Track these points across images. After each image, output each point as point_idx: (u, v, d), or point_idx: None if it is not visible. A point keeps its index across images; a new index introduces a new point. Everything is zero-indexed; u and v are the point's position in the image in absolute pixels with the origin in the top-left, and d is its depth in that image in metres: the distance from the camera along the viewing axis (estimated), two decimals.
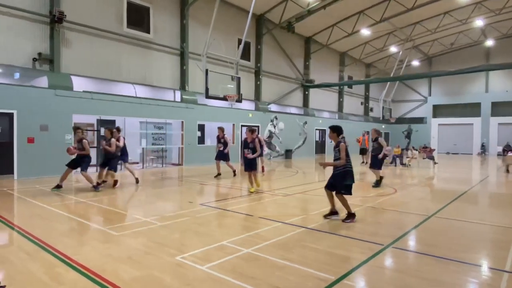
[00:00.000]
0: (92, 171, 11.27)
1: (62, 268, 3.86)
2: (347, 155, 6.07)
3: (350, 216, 6.11)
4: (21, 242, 4.86)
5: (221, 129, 12.30)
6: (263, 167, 13.35)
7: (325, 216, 6.29)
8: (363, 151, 19.55)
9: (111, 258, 4.18)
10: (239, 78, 15.07)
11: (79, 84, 13.25)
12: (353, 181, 6.18)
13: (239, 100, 15.12)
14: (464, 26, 26.91)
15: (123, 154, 10.13)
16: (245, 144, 9.16)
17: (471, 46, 31.41)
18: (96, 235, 5.20)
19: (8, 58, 11.72)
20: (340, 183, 6.06)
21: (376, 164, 10.40)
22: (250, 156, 8.99)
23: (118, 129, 10.05)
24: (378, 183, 10.25)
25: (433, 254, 4.43)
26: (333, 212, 6.31)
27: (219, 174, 12.10)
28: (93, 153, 14.59)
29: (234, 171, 12.40)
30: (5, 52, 11.65)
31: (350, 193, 6.14)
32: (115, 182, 9.67)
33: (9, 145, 11.31)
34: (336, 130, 6.26)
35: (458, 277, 3.77)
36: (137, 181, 10.30)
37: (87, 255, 4.30)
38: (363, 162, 18.91)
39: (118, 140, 9.71)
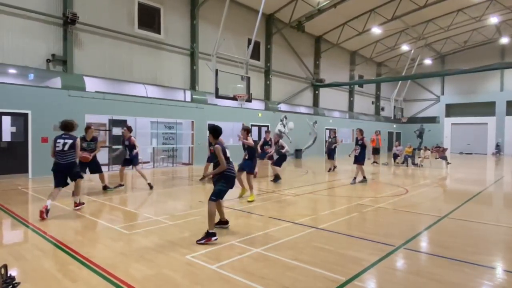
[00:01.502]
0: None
1: (75, 266, 3.93)
2: (227, 158, 5.16)
3: (208, 235, 4.76)
4: (35, 240, 4.97)
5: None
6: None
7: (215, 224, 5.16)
8: (376, 151, 19.27)
9: (123, 257, 4.24)
10: (248, 78, 15.08)
11: (91, 84, 13.46)
12: (230, 187, 5.23)
13: (248, 100, 15.14)
14: (478, 24, 26.37)
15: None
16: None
17: (485, 43, 30.72)
18: (108, 234, 5.27)
19: (22, 59, 11.97)
20: (214, 187, 5.18)
21: (360, 160, 11.19)
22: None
23: (130, 129, 9.29)
24: (276, 179, 10.99)
25: (446, 256, 4.36)
26: (222, 222, 5.53)
27: (204, 177, 10.76)
28: (104, 154, 14.83)
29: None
30: (19, 54, 11.90)
31: (221, 198, 5.24)
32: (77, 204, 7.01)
33: (24, 145, 11.55)
34: (212, 132, 5.27)
35: (472, 280, 3.71)
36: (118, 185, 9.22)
37: (99, 253, 4.37)
38: (374, 162, 18.74)
39: (130, 140, 9.07)
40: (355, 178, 11.10)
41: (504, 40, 28.39)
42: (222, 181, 5.13)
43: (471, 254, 4.46)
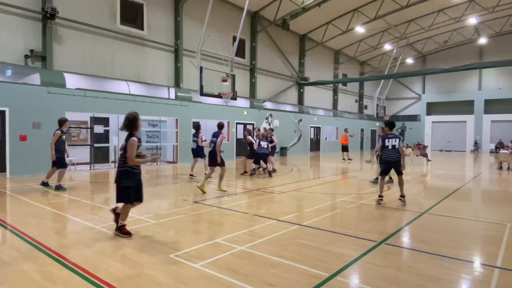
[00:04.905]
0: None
1: (55, 267, 3.83)
2: (386, 147, 7.36)
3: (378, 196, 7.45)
4: (13, 240, 4.82)
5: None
6: (273, 168, 13.04)
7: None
8: (345, 148, 19.64)
9: (105, 257, 4.16)
10: (233, 76, 15.03)
11: (72, 81, 13.13)
12: (383, 167, 7.46)
13: (233, 98, 15.10)
14: (458, 24, 27.07)
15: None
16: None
17: (464, 44, 31.60)
18: (89, 234, 5.16)
19: None
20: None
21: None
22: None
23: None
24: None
25: (426, 250, 4.47)
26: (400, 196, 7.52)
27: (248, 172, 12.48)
28: (86, 152, 14.53)
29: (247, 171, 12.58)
30: None
31: (381, 174, 7.52)
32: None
33: (1, 143, 11.19)
34: (389, 125, 7.72)
35: (451, 273, 3.81)
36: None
37: (80, 253, 4.27)
38: (348, 159, 19.14)
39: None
40: (377, 177, 10.27)
41: (482, 41, 29.23)
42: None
43: (450, 249, 4.59)
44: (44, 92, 11.99)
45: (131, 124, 4.86)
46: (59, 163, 8.61)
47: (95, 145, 14.11)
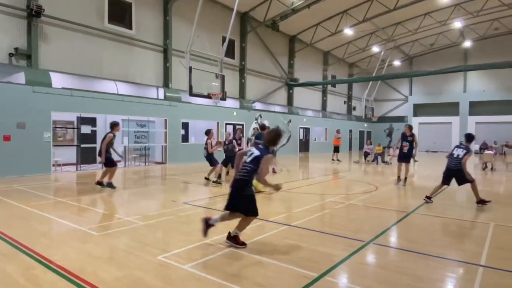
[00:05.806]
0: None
1: (40, 270, 3.75)
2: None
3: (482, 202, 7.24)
4: None
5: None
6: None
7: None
8: (336, 149, 19.98)
9: (92, 259, 4.10)
10: (223, 76, 14.99)
11: (58, 80, 12.89)
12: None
13: (223, 98, 15.05)
14: (444, 27, 27.59)
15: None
16: None
17: (450, 47, 32.23)
18: (75, 236, 5.07)
19: None
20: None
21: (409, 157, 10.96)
22: None
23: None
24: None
25: (413, 250, 4.54)
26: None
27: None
28: (72, 153, 14.27)
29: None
30: None
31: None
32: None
33: None
34: (470, 137, 7.90)
35: (436, 272, 3.87)
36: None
37: (66, 256, 4.19)
38: (337, 159, 19.36)
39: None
40: (406, 178, 10.56)
41: (467, 44, 29.87)
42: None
43: (436, 248, 4.66)
44: (29, 92, 11.74)
45: (273, 139, 4.70)
46: (109, 162, 8.96)
47: (82, 145, 13.89)
